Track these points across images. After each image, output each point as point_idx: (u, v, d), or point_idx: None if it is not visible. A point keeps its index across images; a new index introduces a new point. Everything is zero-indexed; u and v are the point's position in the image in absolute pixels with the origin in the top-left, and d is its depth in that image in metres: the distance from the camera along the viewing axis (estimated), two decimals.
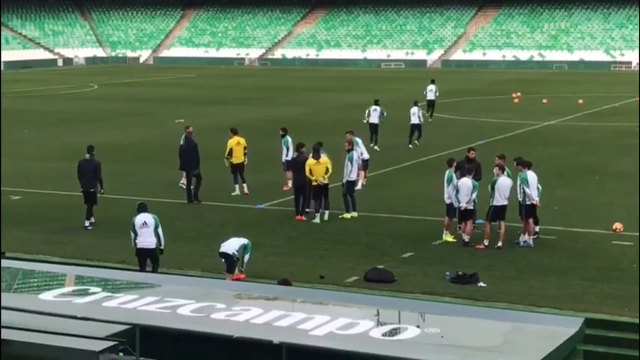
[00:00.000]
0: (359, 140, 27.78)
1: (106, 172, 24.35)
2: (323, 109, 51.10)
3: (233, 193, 27.20)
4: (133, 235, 18.77)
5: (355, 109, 49.13)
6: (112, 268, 16.87)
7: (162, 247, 18.83)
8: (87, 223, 23.53)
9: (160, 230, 18.73)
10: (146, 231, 18.61)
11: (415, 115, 36.73)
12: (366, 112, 36.79)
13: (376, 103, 37.02)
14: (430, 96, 44.80)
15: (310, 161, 23.90)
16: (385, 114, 36.82)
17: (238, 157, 27.40)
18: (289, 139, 27.65)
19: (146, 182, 29.37)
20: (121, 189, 27.77)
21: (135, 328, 8.25)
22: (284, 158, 27.60)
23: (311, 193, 24.08)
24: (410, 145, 36.43)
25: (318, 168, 23.78)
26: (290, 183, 26.56)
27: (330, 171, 24.05)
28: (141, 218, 18.79)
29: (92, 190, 23.63)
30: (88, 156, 24.14)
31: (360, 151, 27.08)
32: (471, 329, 8.83)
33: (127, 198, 26.37)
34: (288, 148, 27.40)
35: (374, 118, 36.29)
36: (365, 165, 27.77)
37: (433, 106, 44.70)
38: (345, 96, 59.08)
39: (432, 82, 45.96)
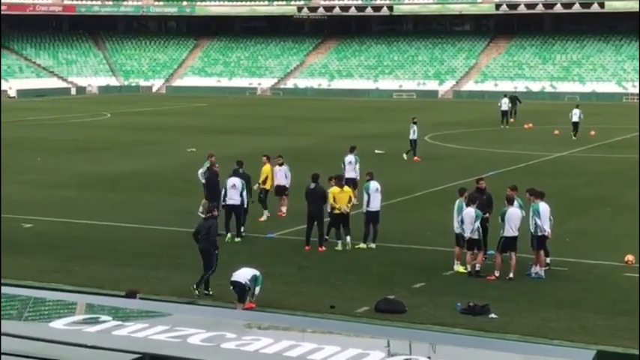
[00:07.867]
0: (352, 158, 29.18)
1: (117, 200, 24.45)
2: (334, 138, 51.13)
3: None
4: (223, 192, 24.44)
5: (367, 139, 49.24)
6: (122, 297, 16.86)
7: (246, 207, 24.46)
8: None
9: (244, 193, 24.25)
10: (234, 191, 24.27)
11: (576, 115, 50.52)
12: (570, 114, 51.28)
13: (577, 107, 51.54)
14: (575, 119, 51.53)
15: (334, 190, 24.15)
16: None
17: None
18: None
19: (157, 210, 29.34)
20: (131, 217, 27.79)
21: (145, 357, 8.26)
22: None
23: (331, 222, 24.29)
24: (574, 137, 49.14)
25: (342, 196, 24.09)
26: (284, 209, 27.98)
27: (353, 201, 24.55)
28: (231, 181, 24.41)
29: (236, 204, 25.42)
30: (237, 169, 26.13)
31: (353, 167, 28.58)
32: None
33: (138, 226, 26.40)
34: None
35: (575, 117, 50.37)
36: (354, 185, 28.08)
37: (577, 128, 51.34)
38: (356, 126, 59.16)
39: (577, 106, 53.50)
